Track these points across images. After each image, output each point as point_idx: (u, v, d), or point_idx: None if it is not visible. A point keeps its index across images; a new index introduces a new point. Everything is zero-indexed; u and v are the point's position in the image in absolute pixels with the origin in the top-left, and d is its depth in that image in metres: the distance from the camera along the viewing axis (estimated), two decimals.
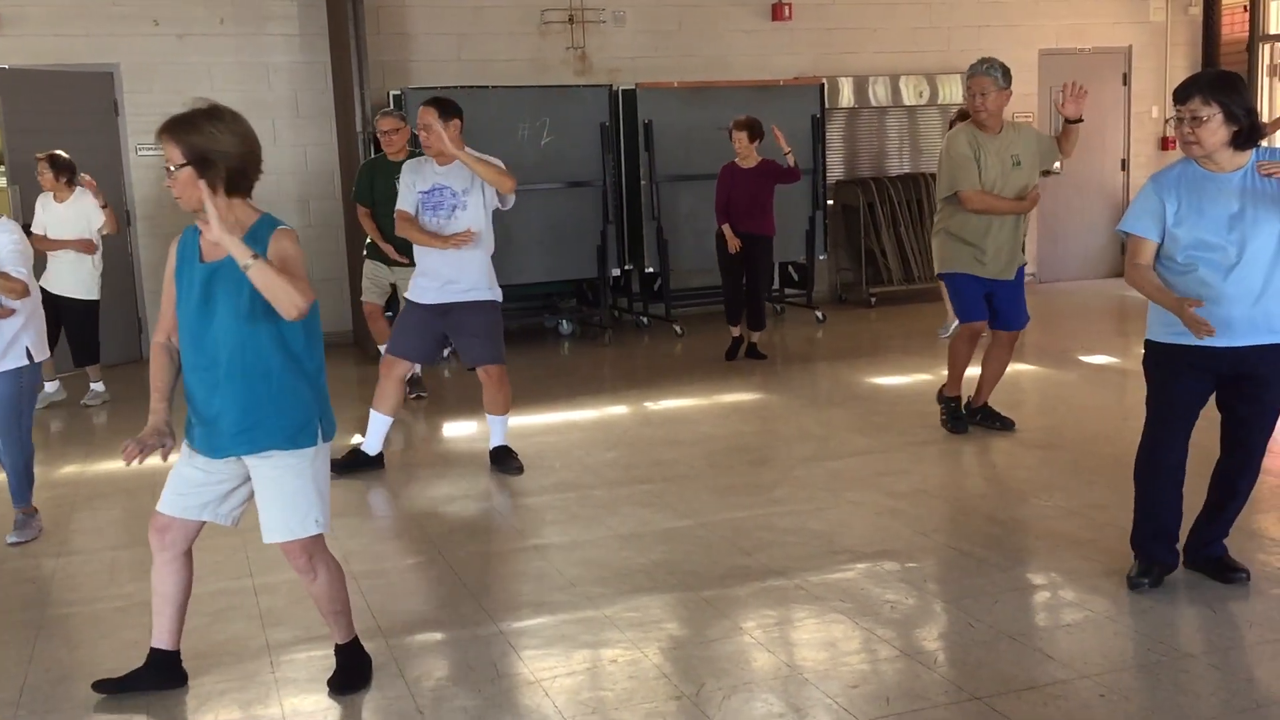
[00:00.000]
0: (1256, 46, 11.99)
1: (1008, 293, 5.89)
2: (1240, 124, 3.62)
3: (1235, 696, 3.15)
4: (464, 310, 5.42)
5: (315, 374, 3.21)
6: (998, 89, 5.71)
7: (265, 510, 3.23)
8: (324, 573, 3.32)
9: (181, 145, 3.04)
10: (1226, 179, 3.69)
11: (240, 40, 9.37)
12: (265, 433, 3.13)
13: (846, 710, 3.15)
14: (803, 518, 4.81)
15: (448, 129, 5.30)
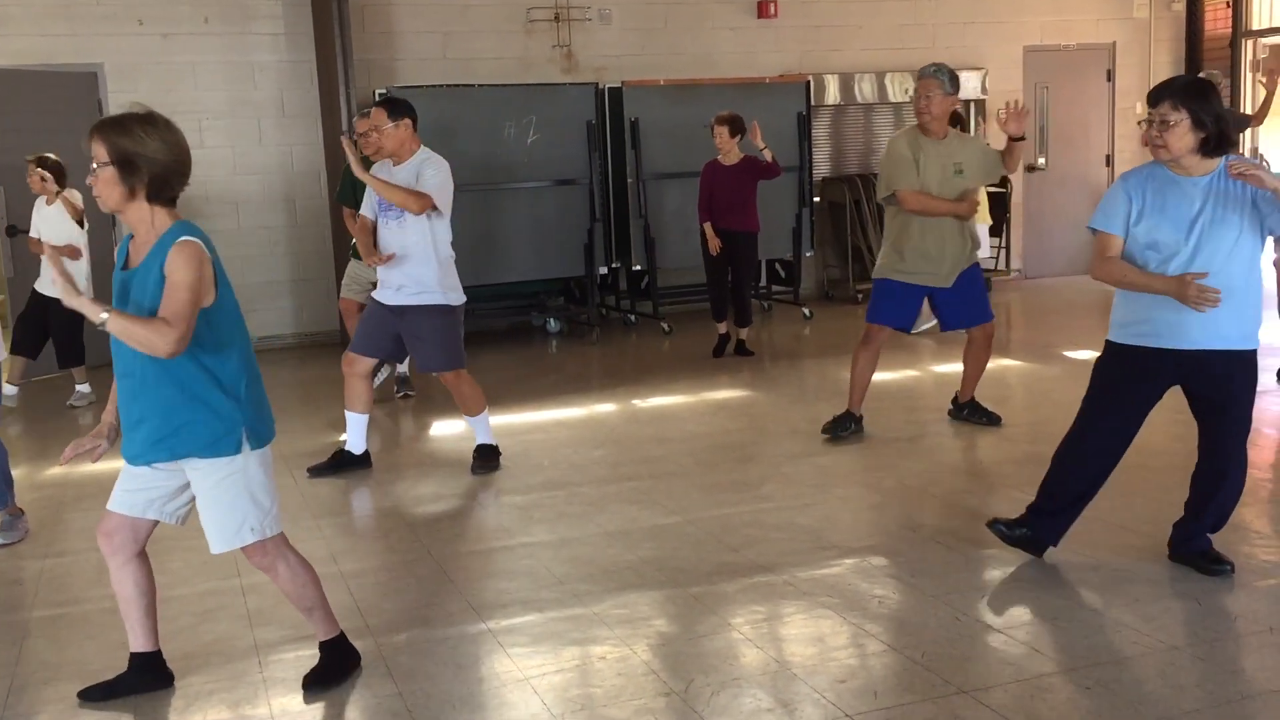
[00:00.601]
0: (1239, 42, 12.05)
1: (949, 296, 5.84)
2: (1207, 131, 3.67)
3: (1220, 688, 3.17)
4: (415, 314, 5.40)
5: (233, 383, 3.13)
6: (944, 93, 5.67)
7: (204, 520, 3.22)
8: (284, 570, 3.32)
9: (108, 145, 3.04)
10: (1193, 182, 3.75)
11: (225, 40, 9.34)
12: (183, 441, 3.11)
13: (834, 705, 3.16)
14: (790, 514, 4.82)
15: (398, 129, 5.30)
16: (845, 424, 6.00)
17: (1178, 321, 3.74)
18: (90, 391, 7.58)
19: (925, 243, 5.75)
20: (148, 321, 2.97)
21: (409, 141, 5.36)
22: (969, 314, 5.96)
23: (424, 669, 3.51)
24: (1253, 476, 5.10)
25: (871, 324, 5.93)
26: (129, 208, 3.10)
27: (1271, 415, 6.30)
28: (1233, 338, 3.76)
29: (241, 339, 3.19)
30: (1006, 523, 4.18)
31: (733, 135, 8.03)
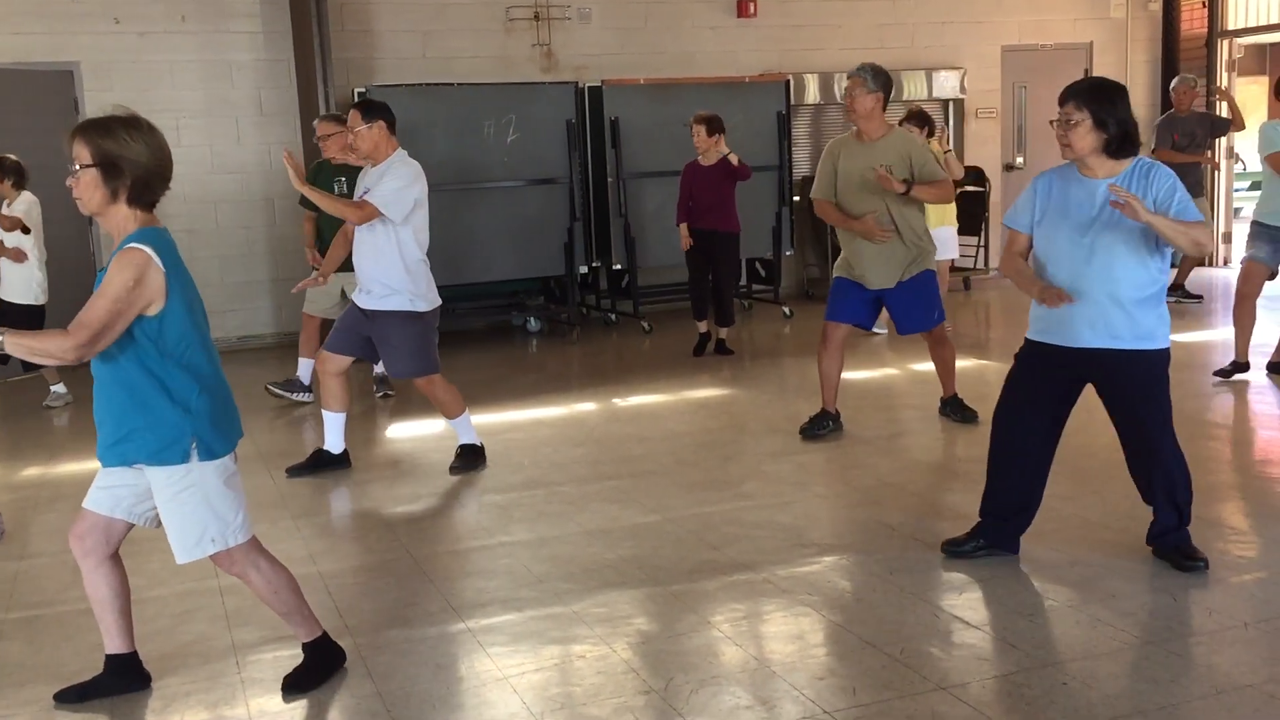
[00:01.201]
0: (1215, 42, 12.14)
1: (894, 299, 5.83)
2: (1109, 133, 3.75)
3: (1195, 683, 3.19)
4: (384, 320, 5.37)
5: (183, 392, 3.09)
6: (866, 91, 5.63)
7: (167, 531, 3.20)
8: (256, 576, 3.31)
9: (91, 147, 3.03)
10: (1094, 184, 3.84)
11: (202, 38, 9.30)
12: (134, 447, 3.11)
13: (813, 702, 3.17)
14: (770, 512, 4.83)
15: (372, 130, 5.28)
16: (822, 423, 6.02)
17: (1069, 319, 3.87)
18: (66, 392, 7.53)
19: (857, 244, 5.79)
20: (43, 334, 3.02)
21: (384, 143, 5.34)
22: (913, 319, 5.92)
23: (403, 669, 3.50)
24: (1225, 473, 5.15)
25: (827, 322, 5.95)
26: (109, 211, 3.09)
27: (1248, 412, 6.35)
28: (1124, 337, 3.83)
29: (195, 349, 3.12)
30: (957, 540, 4.22)
31: (710, 135, 8.03)
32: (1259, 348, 7.40)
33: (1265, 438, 5.97)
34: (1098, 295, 3.82)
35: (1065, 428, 4.10)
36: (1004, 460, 4.11)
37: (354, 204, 5.33)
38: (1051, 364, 3.96)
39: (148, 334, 3.04)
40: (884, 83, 5.69)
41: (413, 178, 5.30)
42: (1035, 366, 4.01)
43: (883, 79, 5.69)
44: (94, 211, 3.09)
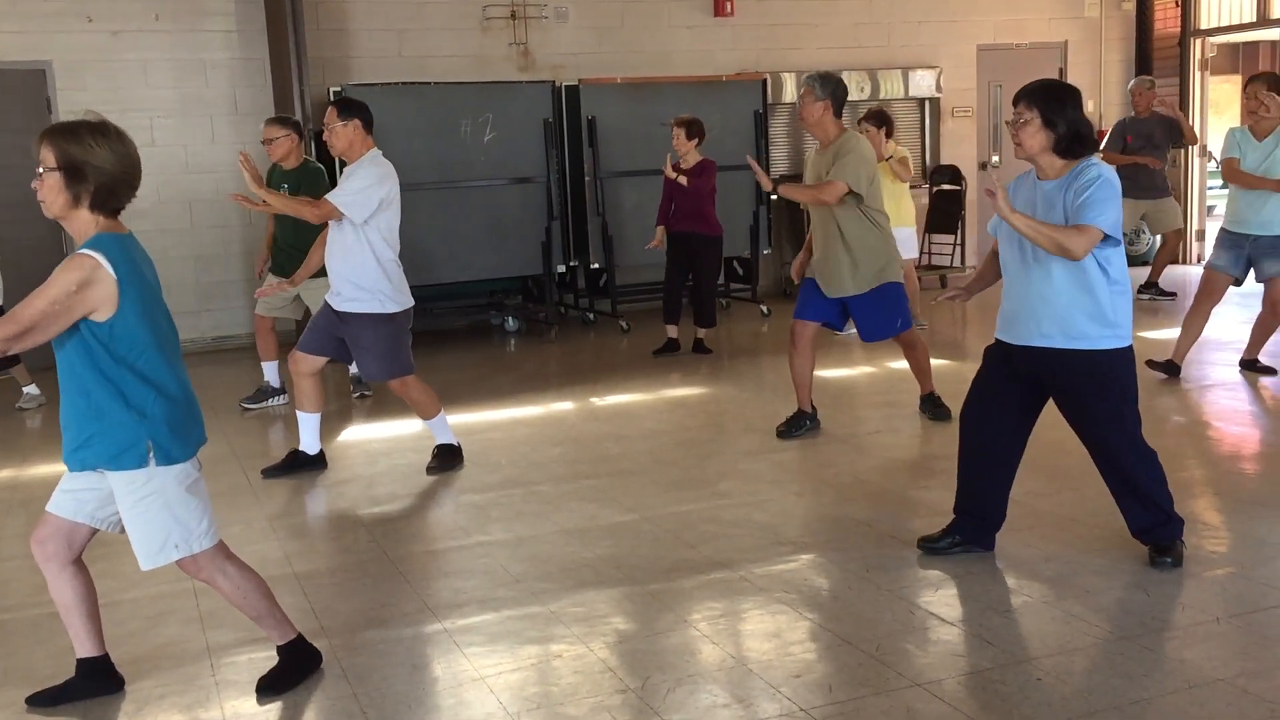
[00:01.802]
0: (1188, 41, 12.23)
1: (856, 307, 5.84)
2: (1058, 132, 3.80)
3: (1168, 678, 3.22)
4: (355, 322, 5.35)
5: (139, 398, 3.07)
6: (813, 99, 5.66)
7: (130, 538, 3.19)
8: (224, 581, 3.29)
9: (56, 151, 3.02)
10: (1044, 186, 3.90)
11: (176, 37, 9.24)
12: (93, 452, 3.10)
13: (790, 700, 3.17)
14: (747, 510, 4.84)
15: (347, 128, 5.26)
16: (798, 423, 6.03)
17: (1011, 316, 3.98)
18: (39, 393, 7.47)
19: (818, 249, 5.85)
20: None
21: (358, 142, 5.31)
22: (874, 327, 5.91)
23: (379, 669, 3.49)
24: (1200, 469, 5.19)
25: (794, 320, 5.97)
26: (71, 215, 3.08)
27: (1220, 409, 6.41)
28: (1054, 336, 3.87)
29: (152, 356, 3.09)
30: (932, 538, 4.25)
31: (690, 138, 8.03)
32: (1234, 345, 7.46)
33: (1236, 434, 6.01)
34: (1032, 295, 3.90)
35: (1039, 424, 4.13)
36: (971, 458, 4.16)
37: (311, 203, 5.34)
38: (1010, 362, 4.02)
39: (100, 339, 3.03)
40: (832, 90, 5.69)
41: (378, 178, 5.25)
42: (997, 365, 4.07)
43: (830, 86, 5.69)
44: (56, 215, 3.07)
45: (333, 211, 5.23)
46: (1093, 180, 3.76)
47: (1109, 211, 3.73)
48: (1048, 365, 3.93)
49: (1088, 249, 3.72)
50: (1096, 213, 3.72)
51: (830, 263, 5.77)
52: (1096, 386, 3.90)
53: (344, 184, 5.28)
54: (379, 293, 5.31)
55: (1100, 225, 3.71)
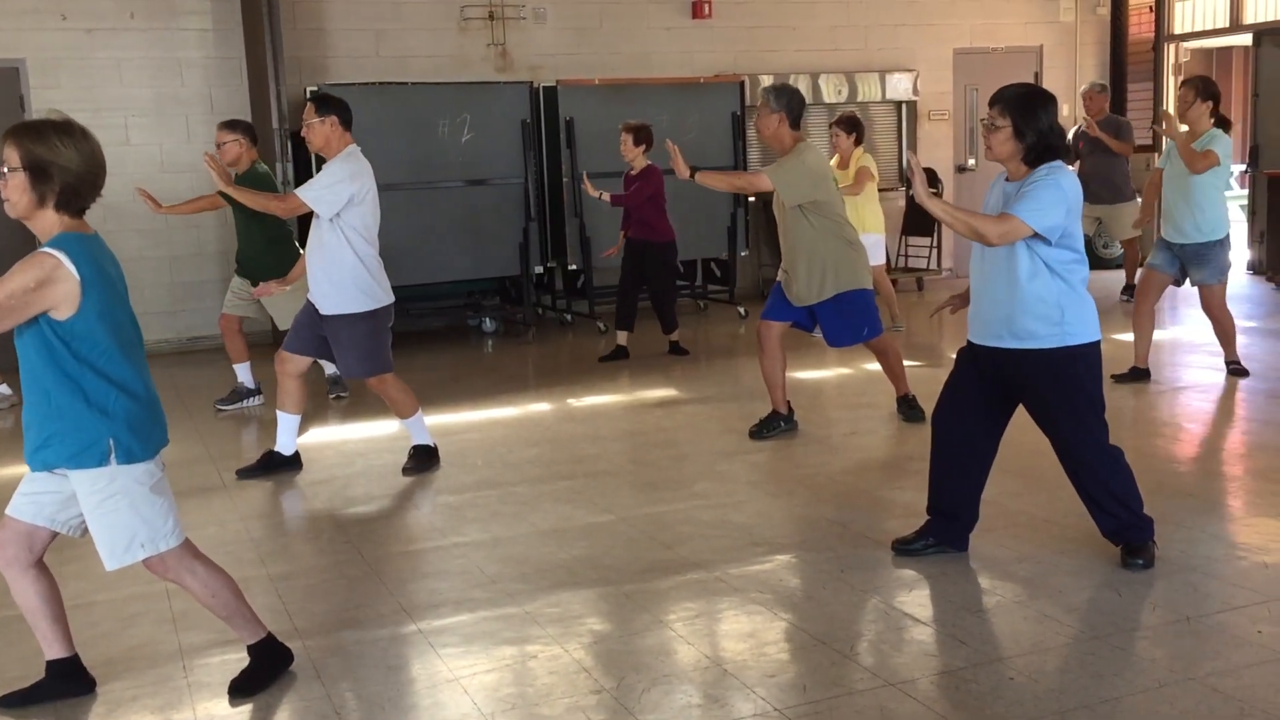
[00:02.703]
0: (1162, 46, 12.34)
1: (821, 313, 5.86)
2: (1025, 143, 3.83)
3: (1139, 676, 3.24)
4: (332, 320, 5.35)
5: (99, 394, 3.06)
6: (769, 111, 5.69)
7: (93, 537, 3.17)
8: (191, 581, 3.28)
9: (20, 150, 3.00)
10: (1007, 187, 3.95)
11: (151, 35, 9.18)
12: (54, 451, 3.08)
13: (765, 700, 3.18)
14: (723, 511, 4.85)
15: (323, 124, 5.25)
16: (772, 424, 6.04)
17: (973, 317, 4.04)
18: (11, 393, 7.41)
19: (786, 255, 5.89)
20: None
21: (335, 139, 5.29)
22: (839, 334, 5.92)
23: (353, 671, 3.48)
24: (1170, 470, 5.23)
25: (760, 322, 6.01)
26: (36, 215, 3.06)
27: (1192, 410, 6.46)
28: (1004, 336, 3.91)
29: (113, 356, 3.07)
30: (907, 539, 4.27)
31: (637, 144, 8.02)
32: (1206, 347, 7.53)
33: (1207, 435, 6.07)
34: (985, 296, 3.97)
35: (1011, 425, 4.15)
36: (943, 459, 4.18)
37: (278, 196, 5.35)
38: (976, 362, 4.06)
39: (60, 337, 3.01)
40: (786, 102, 5.69)
41: (349, 174, 5.22)
42: (967, 366, 4.11)
43: (785, 98, 5.70)
44: (20, 215, 3.06)
45: (299, 205, 5.24)
46: (1039, 179, 3.80)
47: (1044, 209, 3.74)
48: (1007, 365, 3.96)
49: (1002, 237, 3.76)
50: (1027, 207, 3.74)
51: (791, 271, 5.82)
52: (1051, 386, 3.93)
53: (314, 179, 5.28)
54: (357, 290, 5.29)
55: (1026, 219, 3.73)
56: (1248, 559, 4.09)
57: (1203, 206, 6.55)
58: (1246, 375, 6.91)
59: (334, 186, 5.20)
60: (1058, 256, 3.84)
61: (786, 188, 5.65)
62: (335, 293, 5.29)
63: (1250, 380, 6.85)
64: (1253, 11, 11.66)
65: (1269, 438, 5.74)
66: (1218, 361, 7.09)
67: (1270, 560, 4.05)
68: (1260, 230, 11.19)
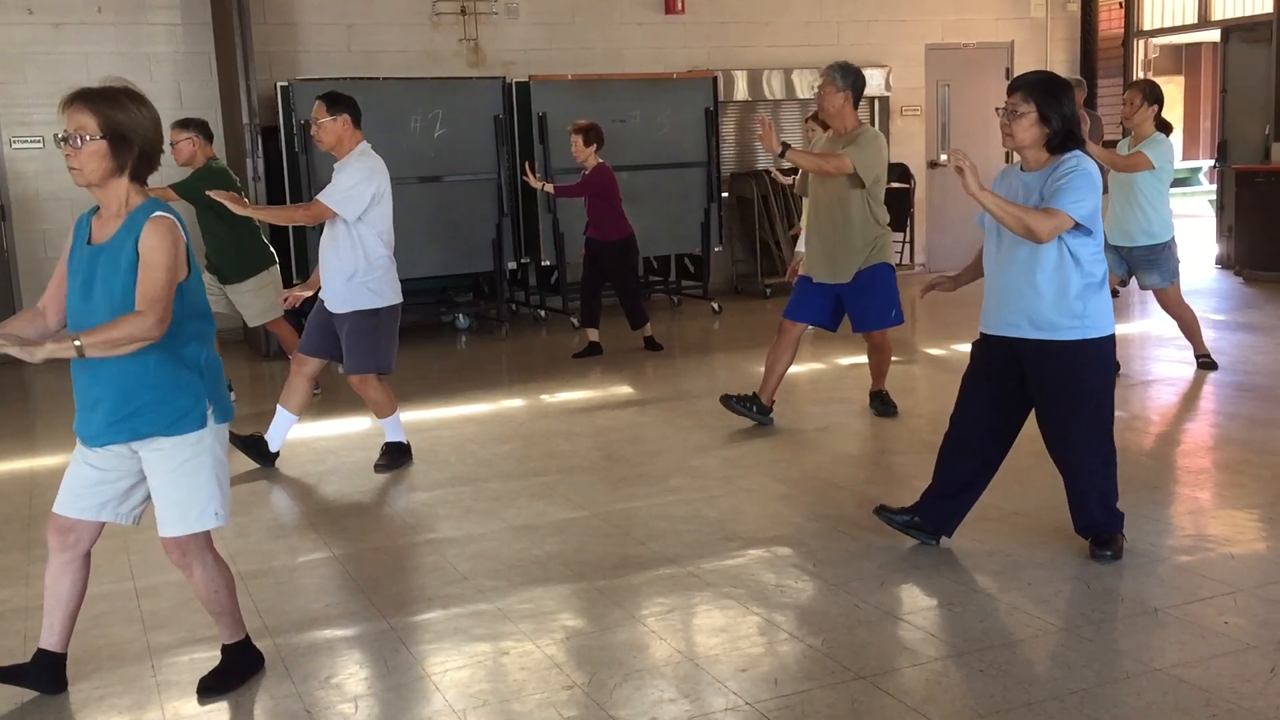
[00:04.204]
0: (1132, 42, 12.42)
1: (850, 297, 5.89)
2: (1052, 127, 3.82)
3: (1107, 668, 3.27)
4: (339, 317, 5.37)
5: (195, 357, 3.10)
6: (835, 89, 5.76)
7: (161, 503, 3.14)
8: (199, 570, 3.25)
9: (100, 117, 2.96)
10: (1026, 177, 3.92)
11: (119, 30, 9.10)
12: (145, 421, 3.05)
13: (736, 694, 3.19)
14: (696, 506, 4.85)
15: (336, 123, 5.23)
16: (749, 405, 6.07)
17: (994, 309, 4.01)
18: None
19: (811, 236, 5.89)
20: (119, 322, 2.92)
21: (347, 137, 5.28)
22: (871, 316, 5.94)
23: (324, 668, 3.46)
24: (1138, 462, 5.27)
25: (783, 318, 6.02)
26: (110, 184, 3.03)
27: (1160, 404, 6.52)
28: (1022, 326, 3.91)
29: (206, 313, 3.16)
30: (893, 509, 4.30)
31: (587, 144, 8.01)
32: (1174, 341, 7.59)
33: (1175, 428, 6.12)
34: (1005, 285, 3.94)
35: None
36: (950, 452, 4.15)
37: (302, 207, 5.27)
38: (989, 357, 4.04)
39: (176, 301, 3.02)
40: (853, 81, 5.80)
41: (367, 174, 5.23)
42: (979, 359, 4.10)
43: (851, 77, 5.80)
44: (91, 183, 3.01)
45: (324, 211, 5.21)
46: (1072, 169, 3.78)
47: (1084, 200, 3.75)
48: (1020, 355, 3.95)
49: (1053, 233, 3.74)
50: (1070, 199, 3.73)
51: (830, 250, 5.81)
52: (1067, 379, 3.92)
53: (333, 181, 5.22)
54: (366, 290, 5.30)
55: (1070, 211, 3.73)
56: (1215, 551, 4.12)
57: (1146, 210, 6.61)
58: (1216, 368, 6.97)
59: (355, 188, 5.20)
60: (1086, 248, 3.84)
61: (867, 168, 5.73)
62: (346, 291, 5.29)
63: (1219, 373, 6.92)
64: (1221, 8, 11.75)
65: (1237, 431, 5.79)
66: (1187, 355, 7.16)
67: (1237, 552, 4.10)
68: (1228, 225, 11.30)
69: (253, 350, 8.82)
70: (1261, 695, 3.04)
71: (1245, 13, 11.51)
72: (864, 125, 5.91)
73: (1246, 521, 4.46)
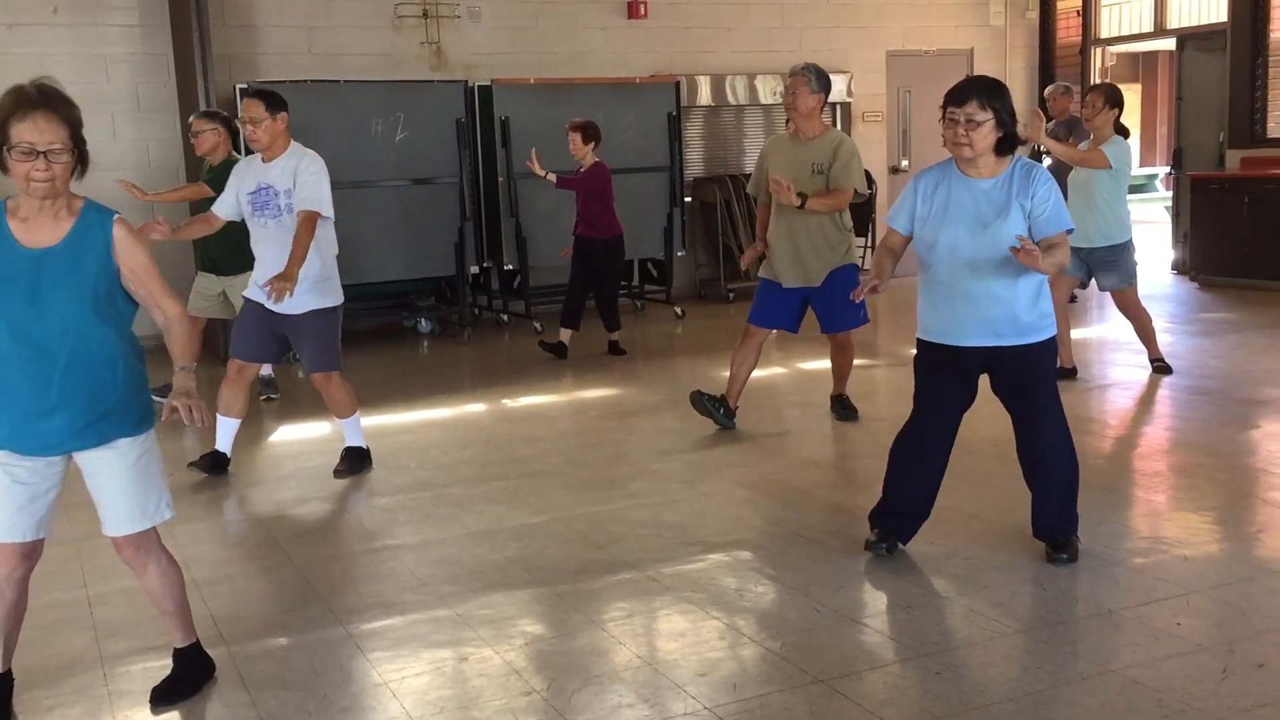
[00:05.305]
0: (1089, 50, 12.57)
1: (820, 299, 5.91)
2: (1006, 130, 3.82)
3: (1061, 669, 3.29)
4: (299, 319, 5.27)
5: (141, 357, 3.13)
6: (810, 91, 5.77)
7: (115, 502, 3.09)
8: (154, 568, 3.21)
9: (68, 125, 2.89)
10: (980, 185, 3.88)
11: (76, 31, 9.00)
12: (113, 423, 3.03)
13: (695, 699, 3.19)
14: (657, 510, 4.85)
15: (276, 123, 5.17)
16: (715, 406, 6.07)
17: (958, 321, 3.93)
18: None
19: (779, 242, 5.86)
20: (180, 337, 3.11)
21: (282, 137, 5.23)
22: (841, 317, 5.94)
23: (280, 676, 3.42)
24: (1094, 466, 5.33)
25: (748, 322, 6.03)
26: (65, 188, 2.96)
27: (1116, 408, 6.59)
28: (1004, 334, 3.90)
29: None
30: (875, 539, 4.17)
31: (585, 142, 8.02)
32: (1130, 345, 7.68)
33: (1130, 432, 6.19)
34: (979, 294, 3.88)
35: None
36: (909, 468, 4.11)
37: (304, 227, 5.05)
38: (950, 365, 3.99)
39: (125, 301, 3.03)
40: (825, 84, 5.84)
41: (323, 171, 5.22)
42: (936, 370, 4.04)
43: (824, 81, 5.84)
44: (56, 194, 2.93)
45: (315, 216, 5.12)
46: (1050, 188, 3.84)
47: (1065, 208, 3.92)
48: (991, 364, 3.95)
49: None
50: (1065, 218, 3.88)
51: (799, 254, 5.81)
52: (1039, 380, 3.96)
53: (303, 185, 5.12)
54: (325, 287, 5.27)
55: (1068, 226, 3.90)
56: (1169, 553, 4.17)
57: (1104, 212, 6.68)
58: (1170, 372, 7.06)
59: (325, 187, 5.19)
60: None
61: (859, 180, 5.88)
62: (307, 291, 5.19)
63: (1174, 377, 7.00)
64: (1176, 17, 11.92)
65: (1191, 434, 5.87)
66: (1142, 359, 7.24)
67: (1190, 554, 4.14)
68: (1184, 231, 11.45)
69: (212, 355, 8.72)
70: (1213, 696, 3.08)
71: (1200, 21, 11.68)
72: (830, 129, 5.94)
73: (1200, 524, 4.51)
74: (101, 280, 2.96)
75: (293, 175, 5.17)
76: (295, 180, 5.15)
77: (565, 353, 8.31)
